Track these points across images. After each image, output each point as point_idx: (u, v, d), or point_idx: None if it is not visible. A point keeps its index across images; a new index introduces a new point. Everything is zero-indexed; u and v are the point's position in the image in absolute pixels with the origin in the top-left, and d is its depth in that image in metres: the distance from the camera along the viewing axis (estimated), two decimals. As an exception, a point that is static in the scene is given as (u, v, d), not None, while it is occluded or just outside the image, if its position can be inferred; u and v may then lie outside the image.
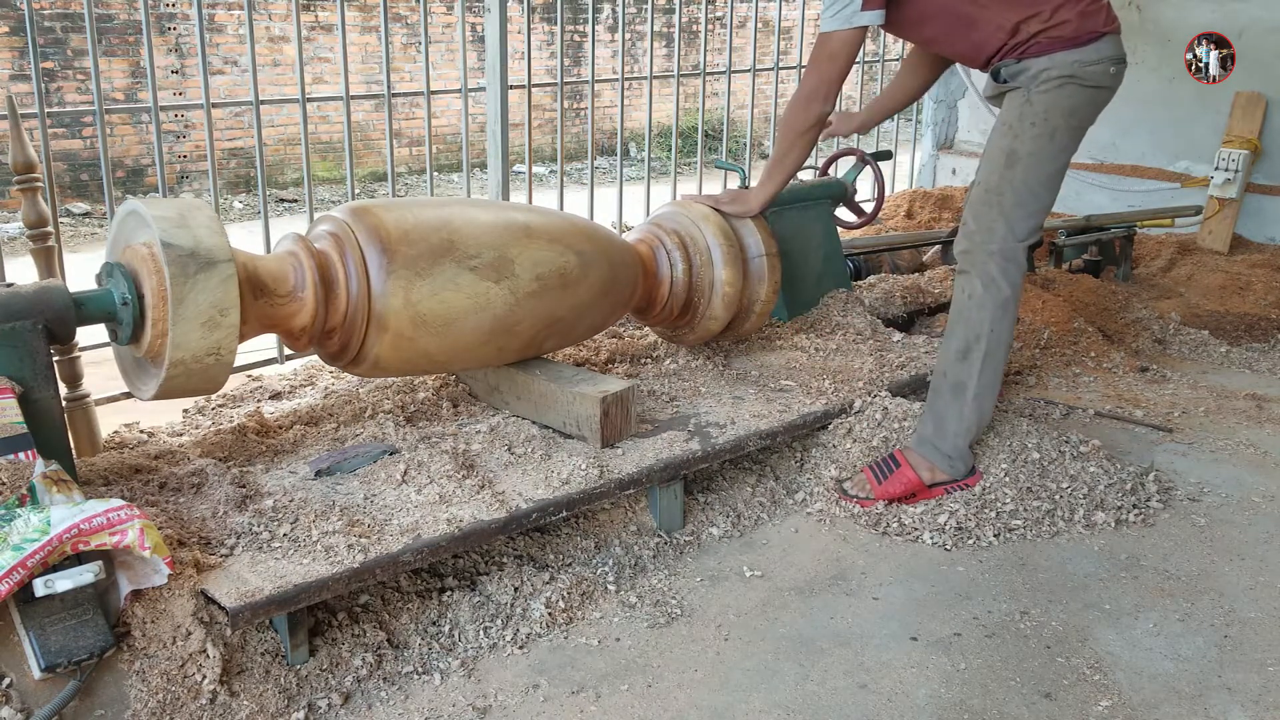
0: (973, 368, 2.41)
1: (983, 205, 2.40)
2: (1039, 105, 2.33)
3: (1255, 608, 2.11)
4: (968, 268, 2.42)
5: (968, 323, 2.41)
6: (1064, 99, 2.33)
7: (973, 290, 2.40)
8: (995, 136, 2.40)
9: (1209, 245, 4.53)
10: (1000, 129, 2.39)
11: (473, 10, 5.22)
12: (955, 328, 2.45)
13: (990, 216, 2.38)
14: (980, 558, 2.27)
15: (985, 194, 2.39)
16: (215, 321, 1.94)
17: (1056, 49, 2.31)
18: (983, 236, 2.39)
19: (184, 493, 2.10)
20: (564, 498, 2.12)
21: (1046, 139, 2.34)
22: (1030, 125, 2.34)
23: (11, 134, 2.36)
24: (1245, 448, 2.82)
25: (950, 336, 2.46)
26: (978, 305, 2.39)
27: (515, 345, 2.38)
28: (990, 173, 2.39)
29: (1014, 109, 2.37)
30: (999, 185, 2.37)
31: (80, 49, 7.36)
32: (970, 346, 2.41)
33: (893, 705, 1.81)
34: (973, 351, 2.41)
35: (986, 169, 2.41)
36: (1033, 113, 2.34)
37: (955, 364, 2.43)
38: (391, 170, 3.34)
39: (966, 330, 2.41)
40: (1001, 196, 2.36)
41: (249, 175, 8.15)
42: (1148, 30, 4.84)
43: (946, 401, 2.44)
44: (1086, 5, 2.33)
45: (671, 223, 2.80)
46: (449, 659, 1.90)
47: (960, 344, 2.42)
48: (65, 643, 1.61)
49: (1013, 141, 2.36)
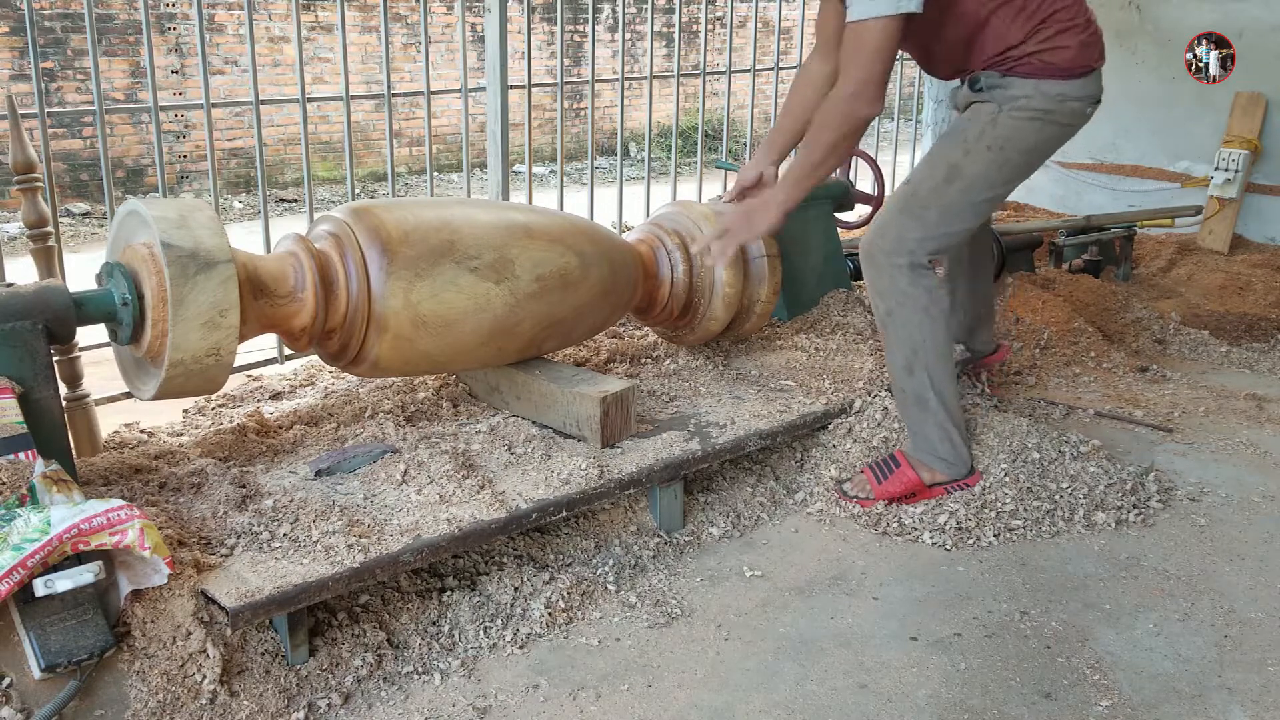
0: (922, 379, 2.35)
1: (903, 214, 2.30)
2: (1003, 130, 2.24)
3: (1255, 608, 2.11)
4: (873, 276, 2.33)
5: (899, 341, 2.35)
6: (1031, 133, 2.24)
7: (889, 308, 2.33)
8: (945, 146, 2.30)
9: (1209, 245, 4.53)
10: (953, 139, 2.30)
11: (473, 10, 5.22)
12: (890, 345, 2.38)
13: (907, 226, 2.29)
14: (980, 558, 2.27)
15: (911, 201, 2.30)
16: (215, 322, 1.94)
17: (1046, 75, 2.22)
18: (892, 246, 2.30)
19: (184, 493, 2.10)
20: (564, 498, 2.12)
21: (996, 167, 2.25)
22: (986, 148, 2.25)
23: (11, 134, 2.36)
24: (1245, 448, 2.82)
25: (890, 352, 2.40)
26: (900, 324, 2.33)
27: (515, 346, 2.38)
28: (924, 181, 2.30)
29: (976, 125, 2.27)
30: (928, 198, 2.28)
31: (80, 49, 7.36)
32: (911, 361, 2.36)
33: (893, 705, 1.81)
34: (915, 365, 2.36)
35: (923, 177, 2.30)
36: (994, 135, 2.25)
37: (906, 378, 2.38)
38: (391, 170, 3.34)
39: (901, 347, 2.36)
40: (927, 210, 2.28)
41: (249, 175, 8.15)
42: (1148, 30, 4.84)
43: (916, 414, 2.40)
44: (1088, 36, 2.25)
45: (672, 223, 2.80)
46: (449, 659, 1.90)
47: (901, 360, 2.37)
48: (65, 643, 1.61)
49: (961, 157, 2.27)
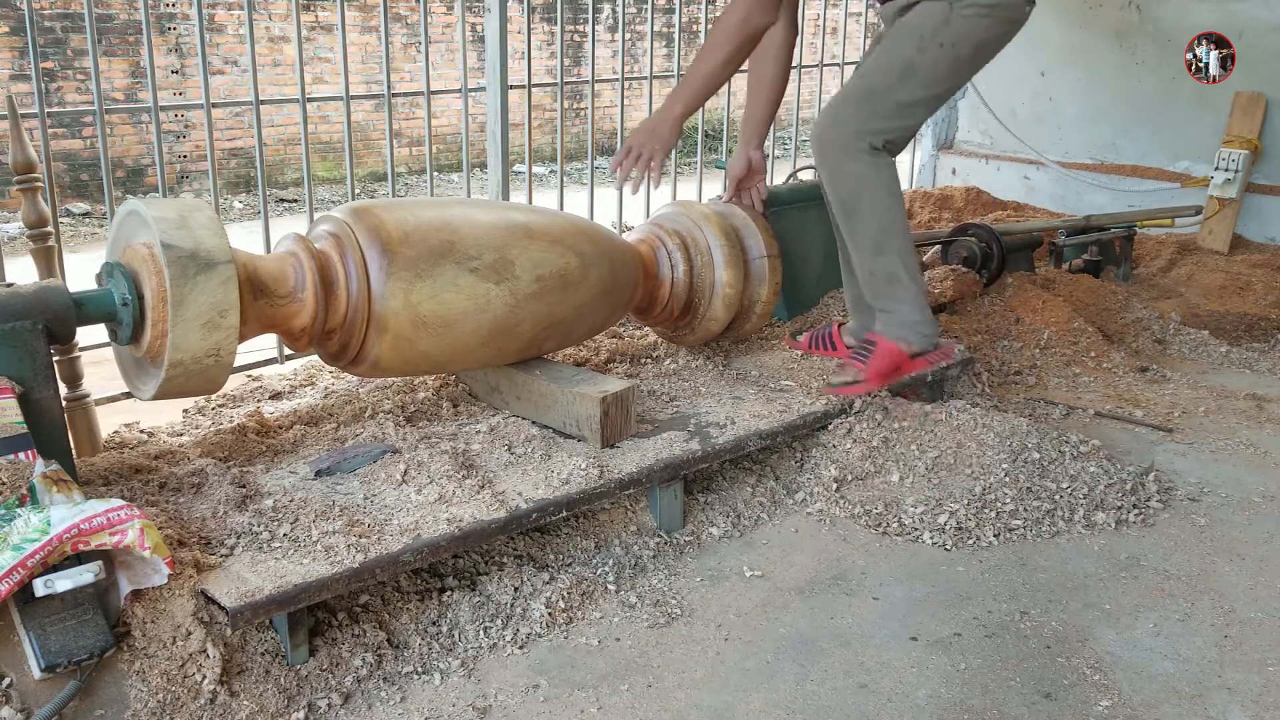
0: (892, 257, 2.41)
1: (861, 105, 2.37)
2: (957, 27, 2.31)
3: (1255, 608, 2.11)
4: (834, 167, 2.39)
5: (866, 224, 2.40)
6: (981, 30, 2.32)
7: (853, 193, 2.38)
8: (899, 43, 2.36)
9: (1209, 245, 4.53)
10: (907, 35, 2.35)
11: (473, 10, 5.22)
12: (855, 231, 2.42)
13: (864, 118, 2.36)
14: (980, 558, 2.27)
15: (869, 95, 2.37)
16: (215, 323, 1.94)
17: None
18: (851, 135, 2.37)
19: (184, 493, 2.10)
20: (564, 498, 2.12)
21: (948, 64, 2.33)
22: (939, 45, 2.32)
23: (11, 134, 2.36)
24: (1245, 448, 2.82)
25: (855, 237, 2.43)
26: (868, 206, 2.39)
27: (515, 346, 2.38)
28: (880, 77, 2.36)
29: (930, 22, 2.33)
30: (886, 93, 2.36)
31: (80, 49, 7.36)
32: (881, 242, 2.41)
33: (893, 705, 1.81)
34: (885, 245, 2.41)
35: (878, 72, 2.37)
36: (949, 33, 2.32)
37: (876, 260, 2.43)
38: (391, 170, 3.34)
39: (869, 229, 2.40)
40: (884, 103, 2.35)
41: (249, 175, 8.15)
42: (1148, 30, 4.84)
43: (888, 292, 2.44)
44: None
45: (673, 223, 2.79)
46: (449, 659, 1.90)
47: (870, 243, 2.41)
48: (65, 643, 1.61)
49: (917, 55, 2.34)
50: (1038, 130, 5.26)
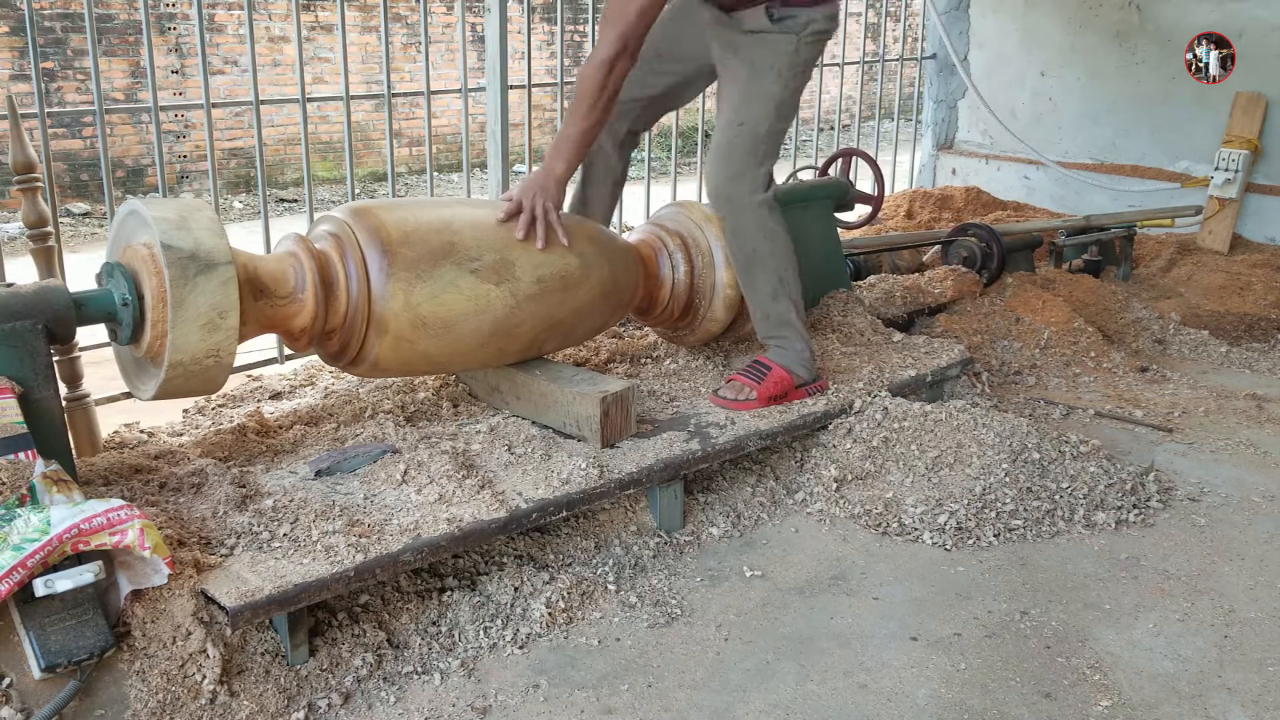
0: (786, 303, 2.57)
1: (749, 154, 2.47)
2: (804, 56, 2.43)
3: (1255, 608, 2.11)
4: (738, 221, 2.52)
5: (767, 274, 2.54)
6: (815, 54, 2.47)
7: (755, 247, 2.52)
8: (764, 81, 2.44)
9: (1209, 245, 4.53)
10: (765, 73, 2.44)
11: (473, 10, 5.22)
12: (755, 280, 2.57)
13: (753, 165, 2.47)
14: (980, 558, 2.27)
15: (755, 143, 2.46)
16: (215, 324, 1.94)
17: (818, 1, 2.42)
18: (750, 188, 2.48)
19: (184, 493, 2.10)
20: (564, 497, 2.12)
21: (796, 91, 2.47)
22: (794, 75, 2.44)
23: (11, 134, 2.36)
24: (1245, 448, 2.82)
25: (754, 285, 2.58)
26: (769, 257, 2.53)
27: (515, 347, 2.38)
28: (761, 121, 2.45)
29: (783, 56, 2.42)
30: (767, 134, 2.46)
31: (80, 49, 7.36)
32: (777, 290, 2.56)
33: (893, 705, 1.81)
34: (780, 292, 2.56)
35: (758, 118, 2.45)
36: (799, 62, 2.43)
37: (772, 305, 2.58)
38: (391, 170, 3.34)
39: (769, 279, 2.55)
40: (764, 144, 2.46)
41: (249, 175, 8.15)
42: (1148, 30, 4.84)
43: (780, 332, 2.59)
44: None
45: (673, 224, 2.79)
46: (449, 659, 1.90)
47: (768, 290, 2.57)
48: (65, 643, 1.61)
49: (782, 91, 2.44)
50: (1038, 130, 5.26)
